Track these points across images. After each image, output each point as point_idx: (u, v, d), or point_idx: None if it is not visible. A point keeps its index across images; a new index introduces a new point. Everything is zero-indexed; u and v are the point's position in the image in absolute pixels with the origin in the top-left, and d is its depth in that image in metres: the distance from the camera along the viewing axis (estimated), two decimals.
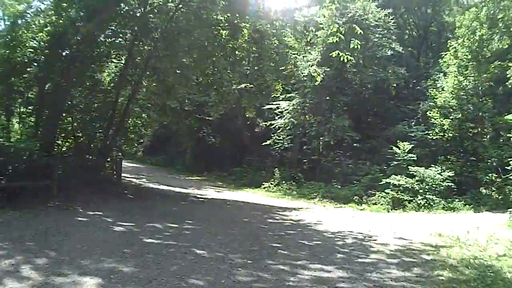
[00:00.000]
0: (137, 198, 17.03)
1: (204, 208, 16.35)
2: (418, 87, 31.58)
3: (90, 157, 17.99)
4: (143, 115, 22.28)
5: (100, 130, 18.75)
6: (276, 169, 27.38)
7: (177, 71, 18.71)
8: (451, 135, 24.08)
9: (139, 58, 18.39)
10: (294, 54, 21.44)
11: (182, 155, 39.63)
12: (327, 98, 28.66)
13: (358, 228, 12.56)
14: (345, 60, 12.20)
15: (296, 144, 29.85)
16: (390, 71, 29.28)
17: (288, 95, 28.23)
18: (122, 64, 19.06)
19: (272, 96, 30.64)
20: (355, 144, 27.90)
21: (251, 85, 20.66)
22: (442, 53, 27.04)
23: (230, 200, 19.24)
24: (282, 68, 19.99)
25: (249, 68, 21.06)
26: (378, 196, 19.85)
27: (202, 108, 33.36)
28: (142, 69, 18.24)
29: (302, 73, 26.08)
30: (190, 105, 38.60)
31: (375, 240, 10.61)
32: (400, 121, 28.34)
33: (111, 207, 13.65)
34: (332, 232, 11.83)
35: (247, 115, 34.98)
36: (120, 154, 21.93)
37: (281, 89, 22.22)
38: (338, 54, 11.80)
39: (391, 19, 28.79)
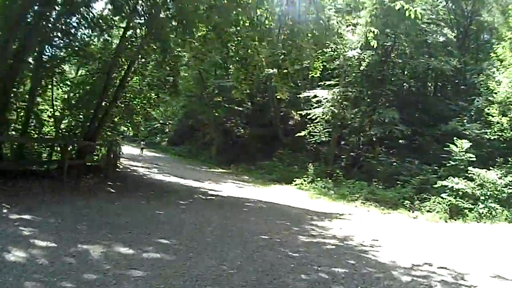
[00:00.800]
0: (120, 193, 12.92)
1: (205, 211, 11.33)
2: (470, 81, 28.15)
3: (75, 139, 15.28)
4: (152, 94, 19.15)
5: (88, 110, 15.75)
6: (310, 164, 24.47)
7: (189, 39, 15.36)
8: (509, 134, 20.78)
9: (141, 21, 15.04)
10: (335, 31, 18.47)
11: (208, 146, 37.22)
12: (372, 87, 25.65)
13: (432, 255, 8.38)
14: (412, 16, 9.35)
15: (334, 138, 26.95)
16: (441, 60, 25.65)
17: (328, 82, 25.39)
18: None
19: (309, 81, 28.05)
20: (400, 141, 24.90)
21: (284, 57, 16.47)
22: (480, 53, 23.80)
23: (251, 199, 15.51)
24: (321, 44, 16.87)
25: (281, 42, 16.70)
26: (433, 201, 16.81)
27: (229, 94, 30.84)
28: (144, 37, 15.02)
29: (344, 56, 23.25)
30: (214, 92, 36.68)
31: None
32: (449, 117, 25.06)
33: (54, 208, 8.70)
34: (404, 267, 7.22)
35: (281, 106, 32.82)
36: (116, 138, 19.78)
37: (320, 69, 18.25)
38: (403, 7, 8.99)
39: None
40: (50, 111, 15.41)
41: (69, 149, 13.60)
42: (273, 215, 12.06)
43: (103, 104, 15.38)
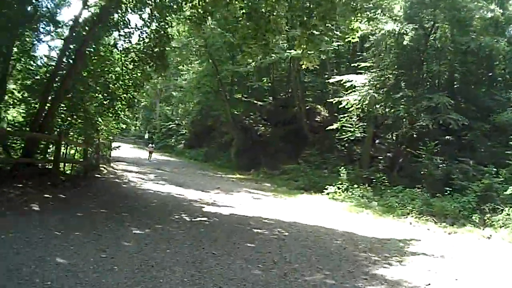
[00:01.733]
0: (58, 211, 8.71)
1: (167, 253, 6.69)
2: None
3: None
4: (138, 72, 15.27)
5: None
6: (342, 167, 20.70)
7: None
8: None
9: None
10: None
11: (226, 148, 34.00)
12: (414, 68, 21.98)
13: None
14: None
15: (369, 134, 23.31)
16: (492, 37, 21.66)
17: (362, 64, 21.91)
18: None
19: (335, 66, 24.78)
20: (447, 137, 21.29)
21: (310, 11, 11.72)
22: None
23: (268, 220, 11.02)
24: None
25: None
26: (506, 214, 13.25)
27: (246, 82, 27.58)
28: None
29: (381, 30, 19.90)
30: (231, 82, 33.34)
31: None
32: (498, 108, 21.37)
33: None
34: None
35: (306, 100, 29.30)
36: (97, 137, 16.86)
37: (359, 32, 13.81)
38: None
39: None
40: None
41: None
42: (301, 256, 7.44)
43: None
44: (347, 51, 29.18)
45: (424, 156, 18.67)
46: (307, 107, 29.17)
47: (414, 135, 21.38)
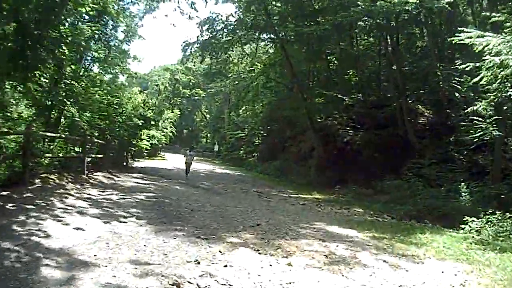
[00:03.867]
0: None
1: None
2: None
3: None
4: None
5: None
6: (462, 184, 14.29)
7: None
8: None
9: None
10: None
11: (305, 161, 26.94)
12: None
13: None
14: None
15: (500, 137, 15.21)
16: None
17: (495, 18, 13.36)
18: None
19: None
20: None
21: None
22: None
23: None
24: None
25: None
26: None
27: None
28: None
29: None
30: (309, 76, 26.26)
31: None
32: None
33: None
34: None
35: (407, 95, 21.48)
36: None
37: None
38: None
39: None
40: None
41: None
42: None
43: None
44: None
45: None
46: (410, 103, 21.57)
47: None
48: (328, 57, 27.07)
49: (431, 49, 21.29)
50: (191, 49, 26.75)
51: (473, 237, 9.29)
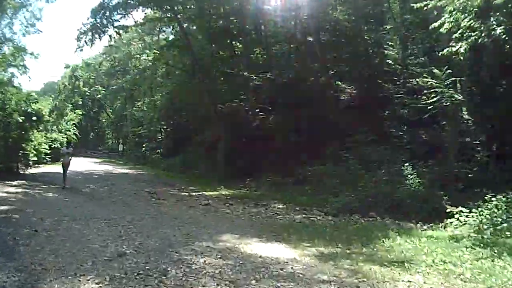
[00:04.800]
0: None
1: None
2: None
3: None
4: None
5: None
6: (406, 164, 11.71)
7: None
8: None
9: None
10: None
11: (212, 152, 22.84)
12: None
13: None
14: None
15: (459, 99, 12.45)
16: None
17: None
18: None
19: None
20: None
21: None
22: None
23: None
24: None
25: None
26: None
27: None
28: None
29: None
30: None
31: None
32: None
33: None
34: None
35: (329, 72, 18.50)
36: None
37: None
38: None
39: None
40: None
41: None
42: None
43: None
44: None
45: None
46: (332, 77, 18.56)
47: None
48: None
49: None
50: (85, 38, 21.97)
51: (469, 235, 5.96)
